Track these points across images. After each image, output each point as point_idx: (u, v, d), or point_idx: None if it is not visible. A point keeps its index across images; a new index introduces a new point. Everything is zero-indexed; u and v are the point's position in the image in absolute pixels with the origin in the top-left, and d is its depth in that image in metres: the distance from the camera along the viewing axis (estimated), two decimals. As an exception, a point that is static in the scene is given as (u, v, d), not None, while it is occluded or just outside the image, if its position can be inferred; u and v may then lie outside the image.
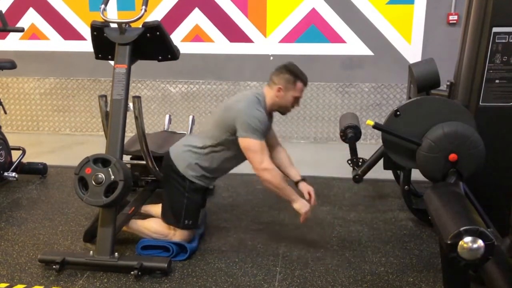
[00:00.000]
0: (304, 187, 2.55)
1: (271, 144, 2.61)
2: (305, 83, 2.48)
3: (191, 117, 3.45)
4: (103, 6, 2.53)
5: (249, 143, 2.32)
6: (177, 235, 2.46)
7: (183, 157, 2.46)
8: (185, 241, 2.47)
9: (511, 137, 2.29)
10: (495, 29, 2.18)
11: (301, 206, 2.41)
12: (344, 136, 2.83)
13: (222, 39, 4.40)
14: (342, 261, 2.41)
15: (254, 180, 3.51)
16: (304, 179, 2.60)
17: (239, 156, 2.45)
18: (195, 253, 2.48)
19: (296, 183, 2.58)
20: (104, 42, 2.50)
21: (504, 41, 2.19)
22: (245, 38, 4.36)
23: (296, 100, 2.49)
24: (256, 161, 2.33)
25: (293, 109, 2.55)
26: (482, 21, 2.20)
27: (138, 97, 2.42)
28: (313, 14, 4.22)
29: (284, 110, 2.52)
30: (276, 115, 2.63)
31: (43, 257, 2.34)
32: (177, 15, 4.39)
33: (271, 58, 4.32)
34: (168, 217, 2.47)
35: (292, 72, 2.44)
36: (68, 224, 2.83)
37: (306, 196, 2.51)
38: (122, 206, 2.54)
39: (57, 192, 3.32)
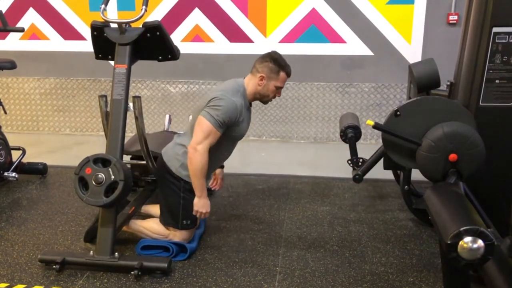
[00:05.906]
0: (218, 171, 2.77)
1: None
2: (288, 74, 2.48)
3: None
4: (103, 6, 2.53)
5: (204, 121, 2.32)
6: (177, 235, 2.46)
7: (175, 157, 2.46)
8: (185, 241, 2.47)
9: (511, 137, 2.29)
10: (495, 29, 2.17)
11: (201, 204, 2.40)
12: (344, 136, 2.83)
13: (222, 39, 4.40)
14: (342, 261, 2.41)
15: (254, 180, 3.52)
16: (222, 166, 2.79)
17: (226, 150, 2.49)
18: (195, 253, 2.48)
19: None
20: (104, 42, 2.51)
21: (504, 41, 2.18)
22: (245, 38, 4.36)
23: (277, 90, 2.49)
24: (197, 139, 2.33)
25: (273, 98, 2.55)
26: (482, 21, 2.19)
27: (138, 97, 2.43)
28: (313, 14, 4.22)
29: (265, 99, 2.52)
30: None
31: (43, 257, 2.34)
32: (177, 15, 4.39)
33: (271, 58, 4.31)
34: (167, 219, 2.47)
35: (276, 62, 2.43)
36: (68, 224, 2.83)
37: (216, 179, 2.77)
38: (122, 206, 2.54)
39: (57, 192, 3.32)
